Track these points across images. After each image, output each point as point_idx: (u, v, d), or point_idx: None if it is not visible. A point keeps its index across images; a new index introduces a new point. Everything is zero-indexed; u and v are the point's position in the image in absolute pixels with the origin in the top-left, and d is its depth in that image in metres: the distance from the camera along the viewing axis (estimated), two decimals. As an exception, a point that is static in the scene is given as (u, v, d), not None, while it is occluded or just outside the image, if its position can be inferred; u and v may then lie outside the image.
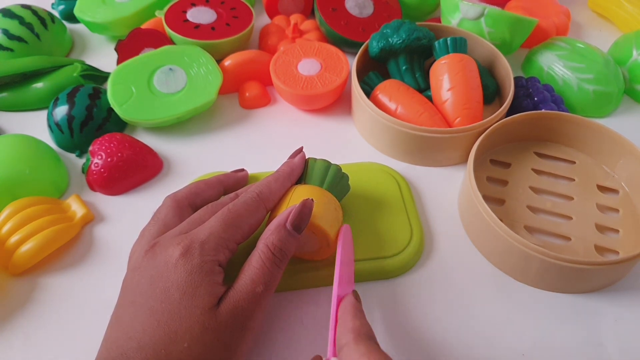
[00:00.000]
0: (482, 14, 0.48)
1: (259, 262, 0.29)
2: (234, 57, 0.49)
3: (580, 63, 0.49)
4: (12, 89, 0.49)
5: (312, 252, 0.34)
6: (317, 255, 0.34)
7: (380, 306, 0.35)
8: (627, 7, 0.59)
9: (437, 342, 0.33)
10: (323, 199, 0.33)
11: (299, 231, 0.30)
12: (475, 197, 0.37)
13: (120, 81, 0.46)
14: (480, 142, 0.40)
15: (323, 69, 0.48)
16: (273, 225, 0.30)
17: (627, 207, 0.40)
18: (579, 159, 0.44)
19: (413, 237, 0.37)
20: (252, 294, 0.28)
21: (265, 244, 0.29)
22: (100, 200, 0.42)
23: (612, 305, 0.35)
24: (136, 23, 0.54)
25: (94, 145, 0.42)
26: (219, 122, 0.49)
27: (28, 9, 0.53)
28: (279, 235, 0.29)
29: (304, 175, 0.35)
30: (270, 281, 0.29)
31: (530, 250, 0.34)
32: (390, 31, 0.47)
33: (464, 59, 0.45)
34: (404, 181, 0.42)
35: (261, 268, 0.28)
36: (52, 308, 0.35)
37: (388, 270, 0.36)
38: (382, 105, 0.45)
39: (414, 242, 0.37)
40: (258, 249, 0.29)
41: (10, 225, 0.37)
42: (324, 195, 0.33)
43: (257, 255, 0.29)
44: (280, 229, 0.30)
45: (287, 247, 0.30)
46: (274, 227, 0.30)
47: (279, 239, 0.29)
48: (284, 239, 0.30)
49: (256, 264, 0.29)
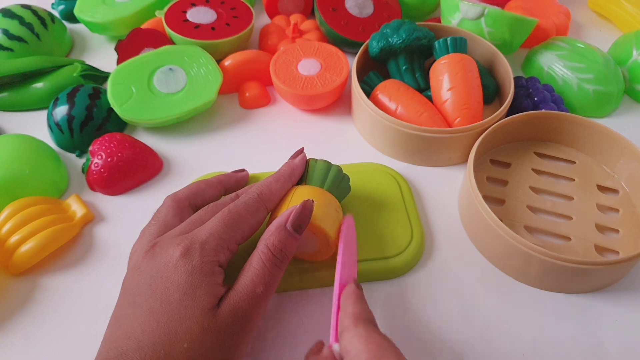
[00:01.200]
0: (482, 14, 0.48)
1: (259, 263, 0.29)
2: (234, 57, 0.49)
3: (581, 63, 0.49)
4: (12, 89, 0.49)
5: (312, 252, 0.34)
6: (317, 256, 0.34)
7: (381, 306, 0.35)
8: (627, 7, 0.59)
9: (437, 341, 0.33)
10: (324, 199, 0.33)
11: (299, 232, 0.30)
12: (475, 197, 0.37)
13: (120, 81, 0.46)
14: (480, 142, 0.40)
15: (323, 69, 0.48)
16: (273, 226, 0.30)
17: (627, 207, 0.40)
18: (579, 159, 0.44)
19: (413, 238, 0.37)
20: (252, 294, 0.28)
21: (265, 244, 0.29)
22: (100, 200, 0.42)
23: (612, 305, 0.35)
24: (136, 23, 0.54)
25: (94, 145, 0.42)
26: (219, 122, 0.49)
27: (28, 9, 0.53)
28: (279, 236, 0.29)
29: (305, 176, 0.35)
30: (270, 282, 0.29)
31: (530, 250, 0.34)
32: (390, 31, 0.47)
33: (464, 59, 0.45)
34: (404, 181, 0.42)
35: (261, 269, 0.28)
36: (52, 308, 0.35)
37: (389, 271, 0.36)
38: (382, 105, 0.45)
39: (415, 243, 0.37)
40: (258, 249, 0.29)
41: (10, 225, 0.37)
42: (324, 196, 0.33)
43: (258, 256, 0.29)
44: (281, 230, 0.30)
45: (288, 248, 0.30)
46: (274, 228, 0.30)
47: (279, 240, 0.29)
48: (285, 240, 0.29)
49: (256, 265, 0.29)
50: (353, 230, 0.34)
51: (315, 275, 0.35)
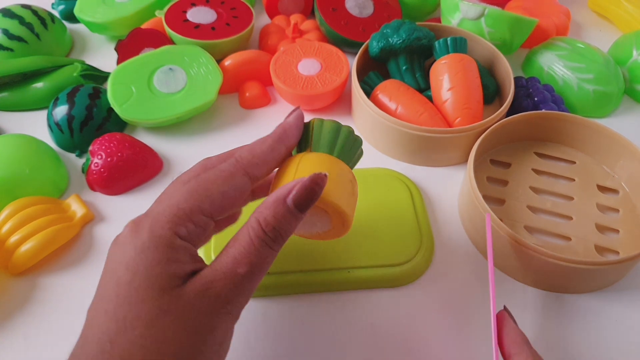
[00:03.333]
0: (482, 14, 0.48)
1: (245, 238, 0.24)
2: (234, 57, 0.49)
3: (581, 63, 0.49)
4: (12, 88, 0.49)
5: (322, 233, 0.29)
6: (329, 235, 0.29)
7: (385, 313, 0.35)
8: (627, 7, 0.59)
9: (437, 340, 0.33)
10: (336, 169, 0.27)
11: (302, 211, 0.25)
12: (475, 197, 0.37)
13: (120, 81, 0.46)
14: (480, 142, 0.40)
15: (323, 69, 0.48)
16: (271, 198, 0.25)
17: (627, 207, 0.40)
18: (579, 159, 0.44)
19: (422, 247, 0.37)
20: (232, 274, 0.24)
21: (256, 218, 0.25)
22: (100, 200, 0.42)
23: (612, 305, 0.35)
24: (136, 23, 0.54)
25: (94, 145, 0.42)
26: (219, 122, 0.49)
27: (28, 9, 0.53)
28: (275, 211, 0.24)
29: (309, 140, 0.29)
30: (257, 263, 0.24)
31: (530, 251, 0.34)
32: (390, 31, 0.47)
33: (464, 59, 0.45)
34: (416, 189, 0.41)
35: (247, 246, 0.24)
36: (51, 307, 0.35)
37: (394, 278, 0.36)
38: (382, 105, 0.45)
39: (423, 251, 0.37)
40: (248, 223, 0.25)
41: (10, 224, 0.37)
42: (336, 165, 0.28)
43: (245, 230, 0.25)
44: (279, 204, 0.25)
45: (285, 227, 0.25)
46: (271, 201, 0.25)
47: (274, 216, 0.24)
48: (281, 217, 0.24)
49: (242, 241, 0.24)
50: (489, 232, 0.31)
51: (319, 278, 0.35)
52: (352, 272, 0.35)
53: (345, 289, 0.36)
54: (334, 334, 0.34)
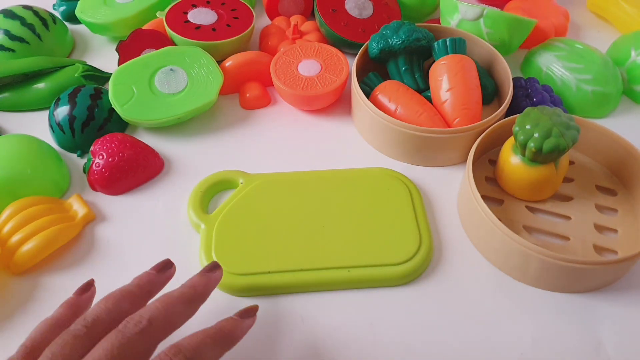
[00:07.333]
0: (481, 14, 0.49)
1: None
2: (235, 58, 0.50)
3: (579, 64, 0.49)
4: (14, 89, 0.50)
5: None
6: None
7: (384, 311, 0.35)
8: (625, 8, 0.59)
9: (436, 339, 0.34)
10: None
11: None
12: (474, 197, 0.37)
13: (121, 81, 0.46)
14: (479, 142, 0.40)
15: (323, 70, 0.48)
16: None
17: (626, 207, 0.40)
18: (578, 159, 0.44)
19: (422, 246, 0.37)
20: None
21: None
22: (102, 200, 0.42)
23: (611, 305, 0.36)
24: (137, 24, 0.55)
25: (95, 145, 0.42)
26: (219, 123, 0.49)
27: (29, 10, 0.53)
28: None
29: None
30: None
31: (529, 250, 0.34)
32: (389, 32, 0.47)
33: (463, 59, 0.45)
34: (415, 188, 0.41)
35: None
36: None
37: (393, 278, 0.36)
38: (382, 105, 0.45)
39: (422, 251, 0.37)
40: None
41: (11, 224, 0.37)
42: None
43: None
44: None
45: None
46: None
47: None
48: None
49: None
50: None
51: (316, 276, 0.35)
52: (352, 271, 0.35)
53: (345, 288, 0.36)
54: (333, 333, 0.34)
